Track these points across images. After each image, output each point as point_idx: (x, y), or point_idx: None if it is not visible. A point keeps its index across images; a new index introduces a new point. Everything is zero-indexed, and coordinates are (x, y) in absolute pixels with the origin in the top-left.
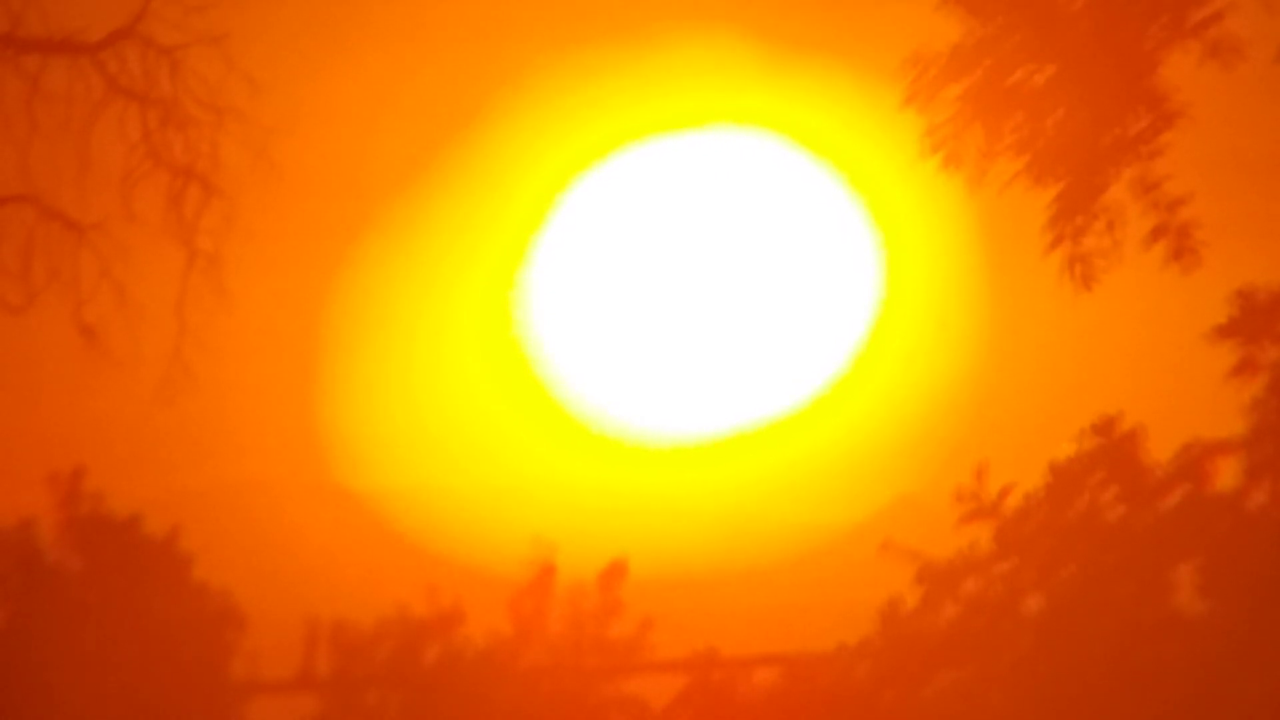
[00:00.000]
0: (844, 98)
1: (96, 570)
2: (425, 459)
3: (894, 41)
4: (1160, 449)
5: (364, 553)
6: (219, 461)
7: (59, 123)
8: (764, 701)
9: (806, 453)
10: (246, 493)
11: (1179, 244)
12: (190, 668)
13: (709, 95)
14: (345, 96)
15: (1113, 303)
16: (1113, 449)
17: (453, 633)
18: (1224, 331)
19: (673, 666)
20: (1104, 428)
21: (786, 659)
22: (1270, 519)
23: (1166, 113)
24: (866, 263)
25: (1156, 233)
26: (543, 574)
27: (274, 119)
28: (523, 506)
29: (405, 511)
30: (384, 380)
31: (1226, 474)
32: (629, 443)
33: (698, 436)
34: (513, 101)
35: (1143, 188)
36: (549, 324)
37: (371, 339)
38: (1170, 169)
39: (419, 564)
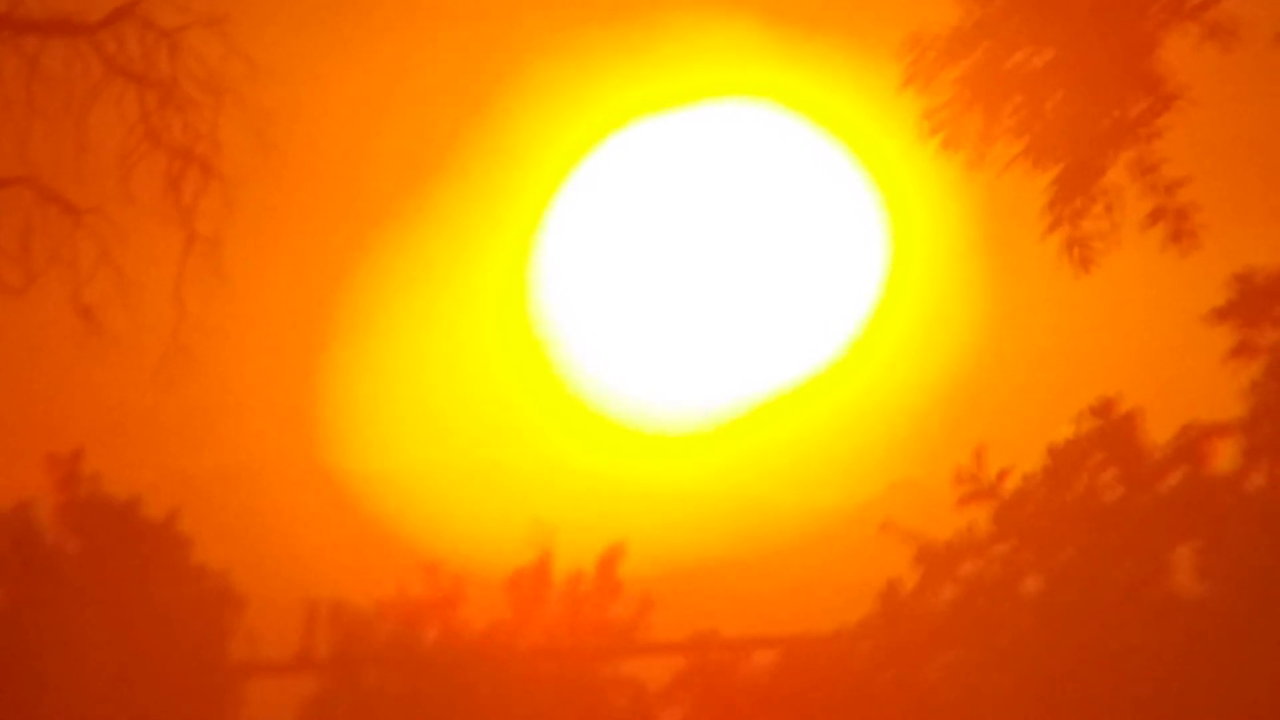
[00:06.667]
0: (845, 77)
1: (95, 553)
2: (424, 441)
3: (894, 22)
4: (1159, 431)
5: (363, 535)
6: (218, 444)
7: (57, 104)
8: (763, 683)
9: (806, 435)
10: (245, 475)
11: (1177, 226)
12: (189, 649)
13: (710, 74)
14: (346, 79)
15: (1111, 285)
16: (1111, 431)
17: (451, 614)
18: (1222, 314)
19: (671, 648)
20: (1102, 410)
21: (786, 641)
22: (1268, 501)
23: (1165, 95)
24: (866, 245)
25: (1155, 215)
26: (542, 556)
27: (273, 101)
28: (522, 489)
29: (404, 494)
30: (383, 363)
31: (1225, 456)
32: (628, 425)
33: (697, 419)
34: (517, 83)
35: (1141, 170)
36: (548, 306)
37: (371, 322)
38: (1169, 151)
39: (418, 546)
